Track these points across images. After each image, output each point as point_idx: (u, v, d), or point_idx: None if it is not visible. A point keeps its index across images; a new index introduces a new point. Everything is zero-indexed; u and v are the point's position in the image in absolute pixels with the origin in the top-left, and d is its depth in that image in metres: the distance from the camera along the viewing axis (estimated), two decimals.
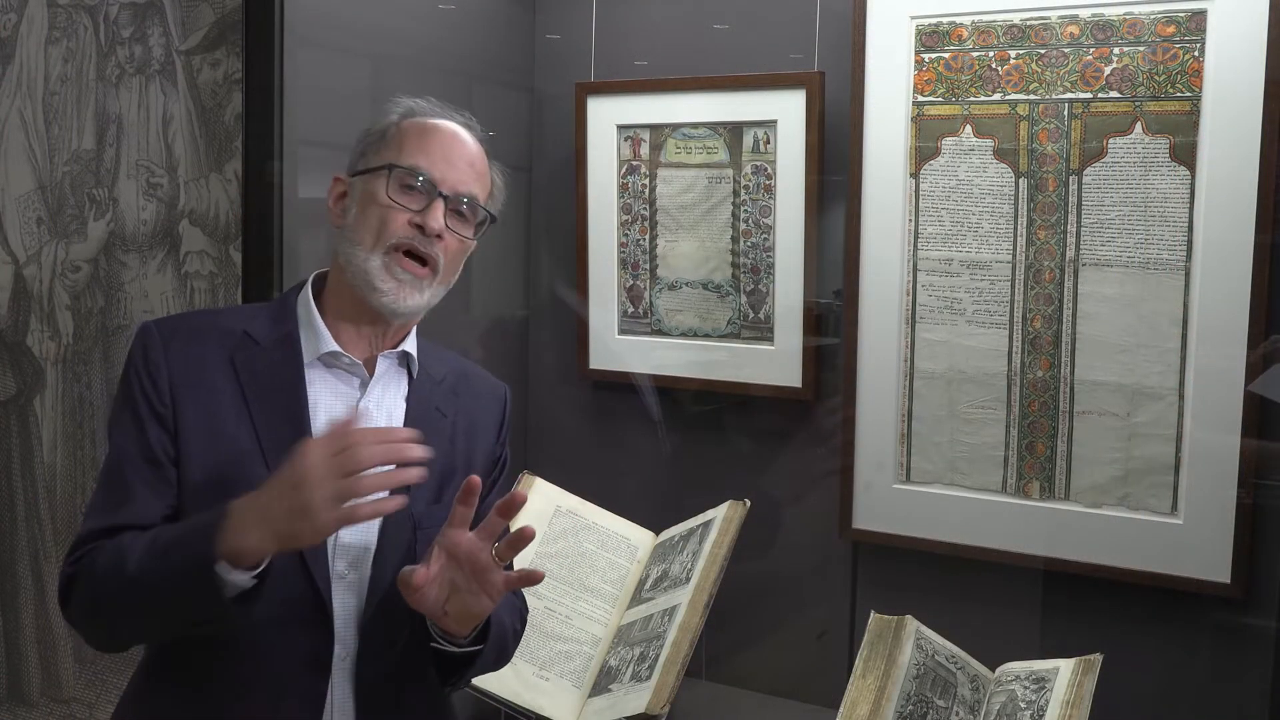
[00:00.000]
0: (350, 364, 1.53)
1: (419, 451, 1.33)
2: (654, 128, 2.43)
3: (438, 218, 1.50)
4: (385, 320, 1.54)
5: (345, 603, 1.49)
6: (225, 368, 1.50)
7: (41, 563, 2.50)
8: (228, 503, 1.33)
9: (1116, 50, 1.98)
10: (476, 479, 1.39)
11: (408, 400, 1.57)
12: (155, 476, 1.45)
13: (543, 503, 2.29)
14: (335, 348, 1.52)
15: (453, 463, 1.59)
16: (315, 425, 1.49)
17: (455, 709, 1.71)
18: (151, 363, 1.48)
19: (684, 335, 2.46)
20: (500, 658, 1.60)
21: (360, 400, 1.53)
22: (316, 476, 1.28)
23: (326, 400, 1.52)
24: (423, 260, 1.51)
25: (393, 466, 1.33)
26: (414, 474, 1.34)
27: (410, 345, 1.59)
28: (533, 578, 1.40)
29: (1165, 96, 1.95)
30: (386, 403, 1.56)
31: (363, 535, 1.49)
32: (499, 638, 1.54)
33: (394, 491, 1.36)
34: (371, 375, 1.54)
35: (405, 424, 1.55)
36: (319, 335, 1.53)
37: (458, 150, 1.55)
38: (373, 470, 1.30)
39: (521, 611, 1.68)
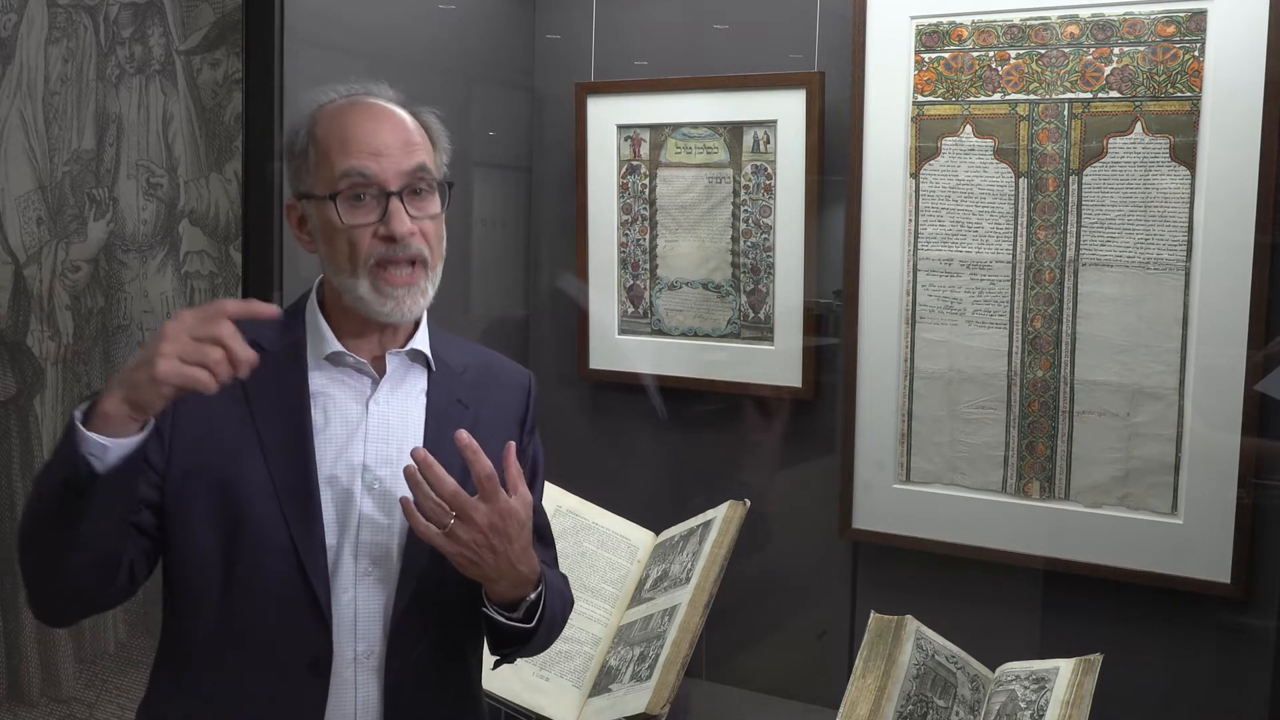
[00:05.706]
0: (356, 363, 1.51)
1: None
2: (654, 128, 2.43)
3: (402, 221, 1.43)
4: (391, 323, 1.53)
5: (371, 600, 1.47)
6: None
7: None
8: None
9: (1116, 50, 1.98)
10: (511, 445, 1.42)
11: (428, 395, 1.55)
12: None
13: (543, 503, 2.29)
14: (339, 347, 1.51)
15: None
16: (330, 427, 1.48)
17: (484, 707, 1.68)
18: None
19: (684, 335, 2.46)
20: (550, 636, 1.59)
21: (370, 397, 1.51)
22: (172, 332, 1.26)
23: (340, 397, 1.50)
24: (409, 261, 1.46)
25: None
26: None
27: (421, 341, 1.56)
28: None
29: (1165, 96, 1.95)
30: (398, 399, 1.53)
31: (384, 533, 1.48)
32: (550, 619, 1.54)
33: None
34: (382, 374, 1.53)
35: (426, 420, 1.53)
36: (324, 338, 1.51)
37: (384, 134, 1.44)
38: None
39: (564, 594, 1.65)
